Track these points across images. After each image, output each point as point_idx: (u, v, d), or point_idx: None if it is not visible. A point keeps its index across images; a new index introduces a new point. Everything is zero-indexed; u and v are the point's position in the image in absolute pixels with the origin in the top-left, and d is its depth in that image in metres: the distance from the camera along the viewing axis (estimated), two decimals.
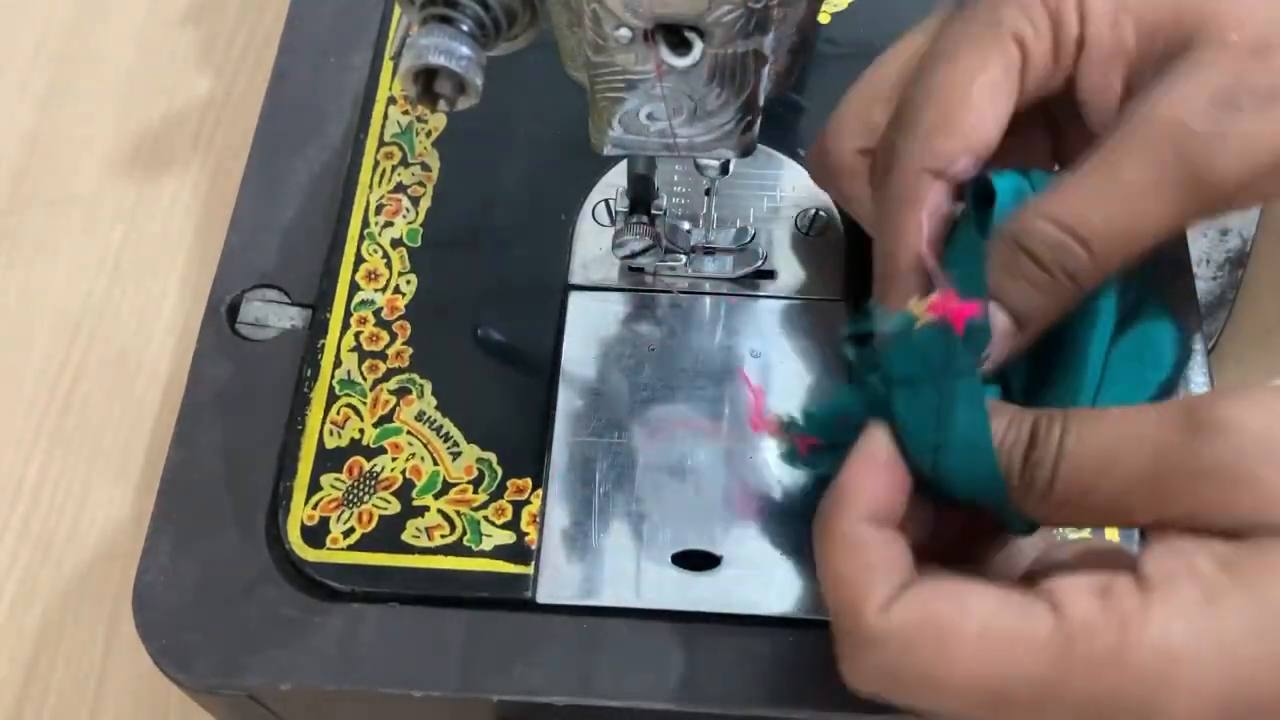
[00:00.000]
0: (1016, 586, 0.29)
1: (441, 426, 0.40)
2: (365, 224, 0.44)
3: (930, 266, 0.32)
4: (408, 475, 0.39)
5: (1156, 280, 0.34)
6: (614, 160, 0.44)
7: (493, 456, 0.39)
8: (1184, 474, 0.28)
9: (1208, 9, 0.32)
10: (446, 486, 0.39)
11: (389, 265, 0.43)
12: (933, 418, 0.31)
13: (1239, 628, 0.26)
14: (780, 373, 0.41)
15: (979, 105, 0.33)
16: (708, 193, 0.41)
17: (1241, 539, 0.27)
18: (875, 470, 0.31)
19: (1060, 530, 0.36)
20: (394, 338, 0.42)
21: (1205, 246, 0.50)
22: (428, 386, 0.41)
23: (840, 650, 0.30)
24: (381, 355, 0.41)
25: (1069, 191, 0.32)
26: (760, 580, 0.37)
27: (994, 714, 0.28)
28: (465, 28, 0.30)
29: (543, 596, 0.37)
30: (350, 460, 0.39)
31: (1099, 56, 0.34)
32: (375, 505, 0.39)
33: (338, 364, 0.41)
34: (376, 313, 0.42)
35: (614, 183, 0.44)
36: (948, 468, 0.31)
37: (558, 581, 0.37)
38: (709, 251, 0.43)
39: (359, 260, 0.43)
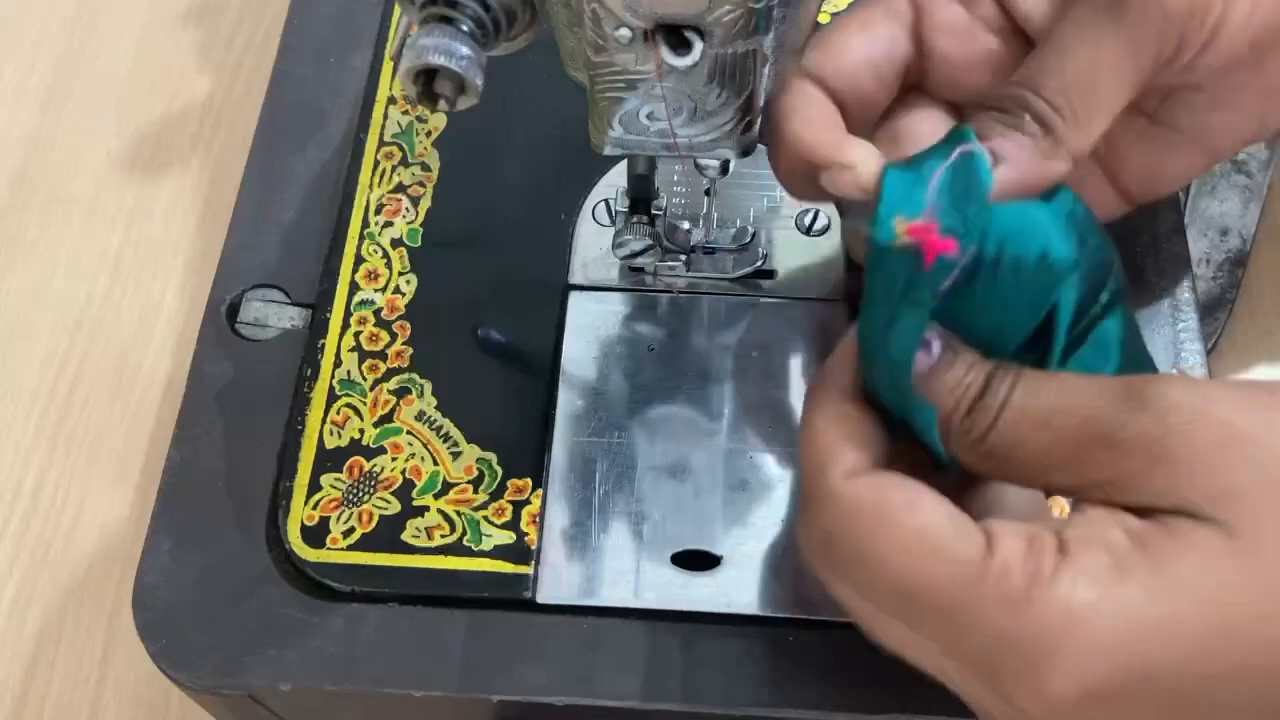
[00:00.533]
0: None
1: (441, 426, 0.40)
2: (365, 224, 0.44)
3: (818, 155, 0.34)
4: (408, 475, 0.39)
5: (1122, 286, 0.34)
6: (614, 160, 0.44)
7: (493, 456, 0.39)
8: (1106, 442, 0.28)
9: None
10: (446, 486, 0.39)
11: (389, 265, 0.43)
12: (880, 336, 0.31)
13: (1139, 597, 0.27)
14: (780, 373, 0.41)
15: (848, 27, 0.36)
16: (708, 193, 0.41)
17: (1154, 518, 0.28)
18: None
19: None
20: (394, 338, 0.42)
21: (1205, 246, 0.50)
22: (428, 386, 0.41)
23: (800, 512, 0.31)
24: (381, 355, 0.41)
25: (1029, 63, 0.34)
26: (760, 580, 0.37)
27: (899, 612, 0.29)
28: (465, 28, 0.30)
29: (543, 596, 0.37)
30: (350, 460, 0.39)
31: None
32: (375, 505, 0.39)
33: (338, 364, 0.41)
34: (376, 313, 0.42)
35: (614, 183, 0.44)
36: (878, 386, 0.31)
37: (558, 581, 0.37)
38: (709, 251, 0.43)
39: (359, 260, 0.43)
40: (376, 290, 0.43)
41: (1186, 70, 0.35)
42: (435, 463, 0.39)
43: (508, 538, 0.38)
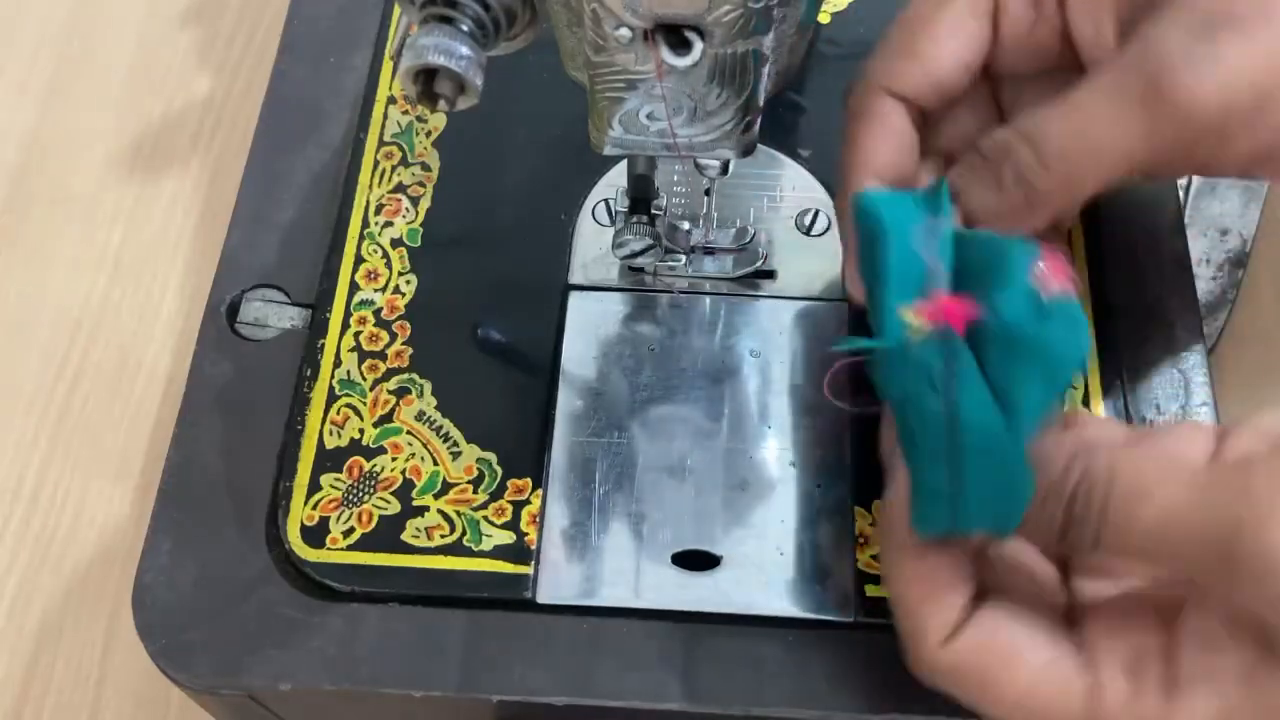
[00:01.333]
0: (1061, 629, 0.30)
1: (441, 426, 0.40)
2: (365, 224, 0.44)
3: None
4: (407, 475, 0.39)
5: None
6: (614, 160, 0.44)
7: (493, 456, 0.39)
8: (1224, 556, 0.27)
9: None
10: (446, 486, 0.39)
11: (389, 265, 0.43)
12: (944, 430, 0.30)
13: None
14: (780, 373, 0.41)
15: (939, 34, 0.34)
16: (708, 193, 0.41)
17: (1273, 639, 0.28)
18: None
19: None
20: (394, 338, 0.42)
21: (1205, 246, 0.50)
22: (428, 386, 0.41)
23: (906, 656, 0.32)
24: (381, 355, 0.41)
25: (1037, 111, 0.33)
26: (760, 580, 0.37)
27: None
28: (465, 28, 0.30)
29: (543, 596, 0.37)
30: (350, 460, 0.39)
31: (1083, 3, 0.34)
32: (375, 505, 0.39)
33: (338, 364, 0.41)
34: (376, 313, 0.42)
35: (614, 183, 0.44)
36: (968, 478, 0.30)
37: (557, 581, 0.37)
38: (709, 251, 0.43)
39: (359, 260, 0.43)
40: (376, 290, 0.43)
41: (1207, 166, 0.34)
42: (435, 463, 0.39)
43: (508, 538, 0.38)
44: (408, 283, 0.43)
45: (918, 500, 0.32)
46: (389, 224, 0.44)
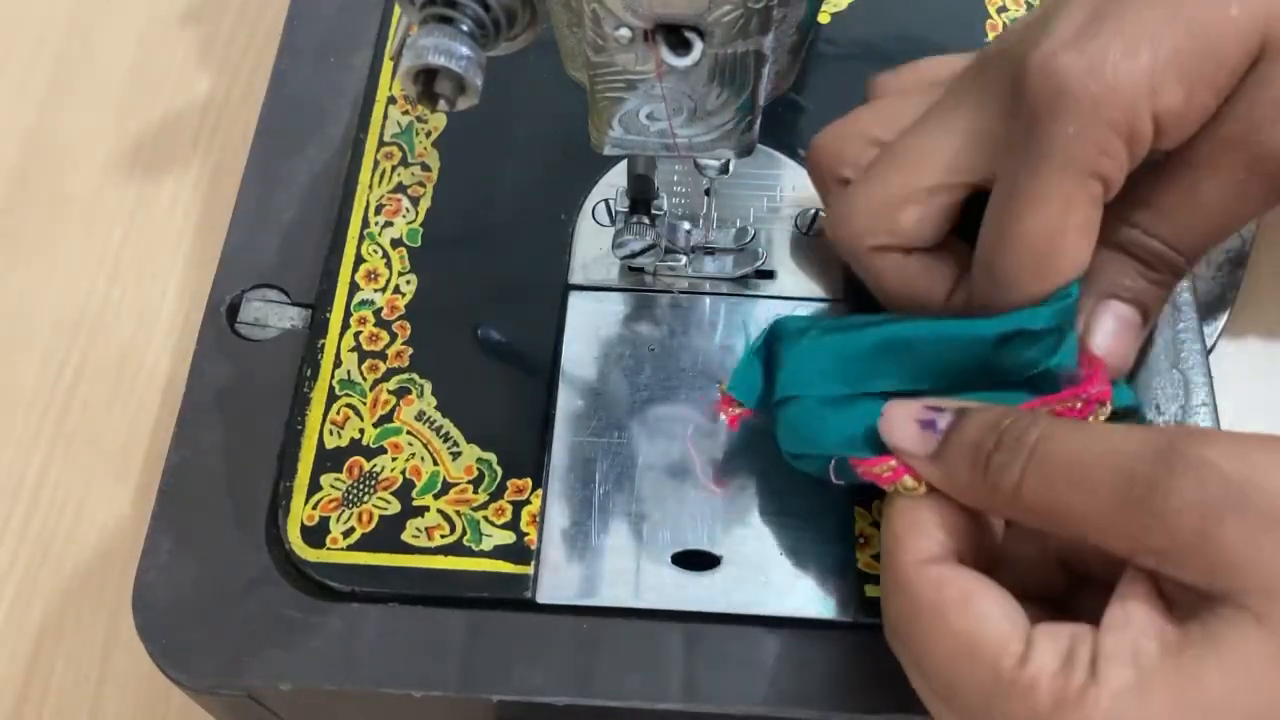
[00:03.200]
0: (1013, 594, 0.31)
1: (441, 426, 0.40)
2: (365, 224, 0.44)
3: None
4: (408, 475, 0.39)
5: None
6: (614, 160, 0.44)
7: (493, 456, 0.39)
8: (1147, 510, 0.28)
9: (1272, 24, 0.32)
10: (446, 486, 0.39)
11: (389, 265, 0.43)
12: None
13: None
14: None
15: (1071, 251, 0.34)
16: (708, 193, 0.41)
17: (1197, 616, 0.28)
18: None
19: None
20: (394, 338, 0.42)
21: None
22: (428, 386, 0.41)
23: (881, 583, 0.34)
24: (381, 355, 0.41)
25: (1159, 213, 0.35)
26: (760, 580, 0.37)
27: (941, 700, 0.31)
28: (465, 28, 0.30)
29: (543, 596, 0.37)
30: (350, 460, 0.39)
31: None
32: (375, 505, 0.39)
33: (338, 364, 0.41)
34: (376, 313, 0.42)
35: (614, 183, 0.44)
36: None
37: (558, 581, 0.37)
38: (709, 251, 0.43)
39: (359, 260, 0.43)
40: (376, 290, 0.43)
41: None
42: (435, 463, 0.39)
43: (508, 538, 0.38)
44: (408, 283, 0.43)
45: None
46: (389, 224, 0.44)
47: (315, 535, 0.38)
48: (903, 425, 0.33)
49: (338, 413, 0.40)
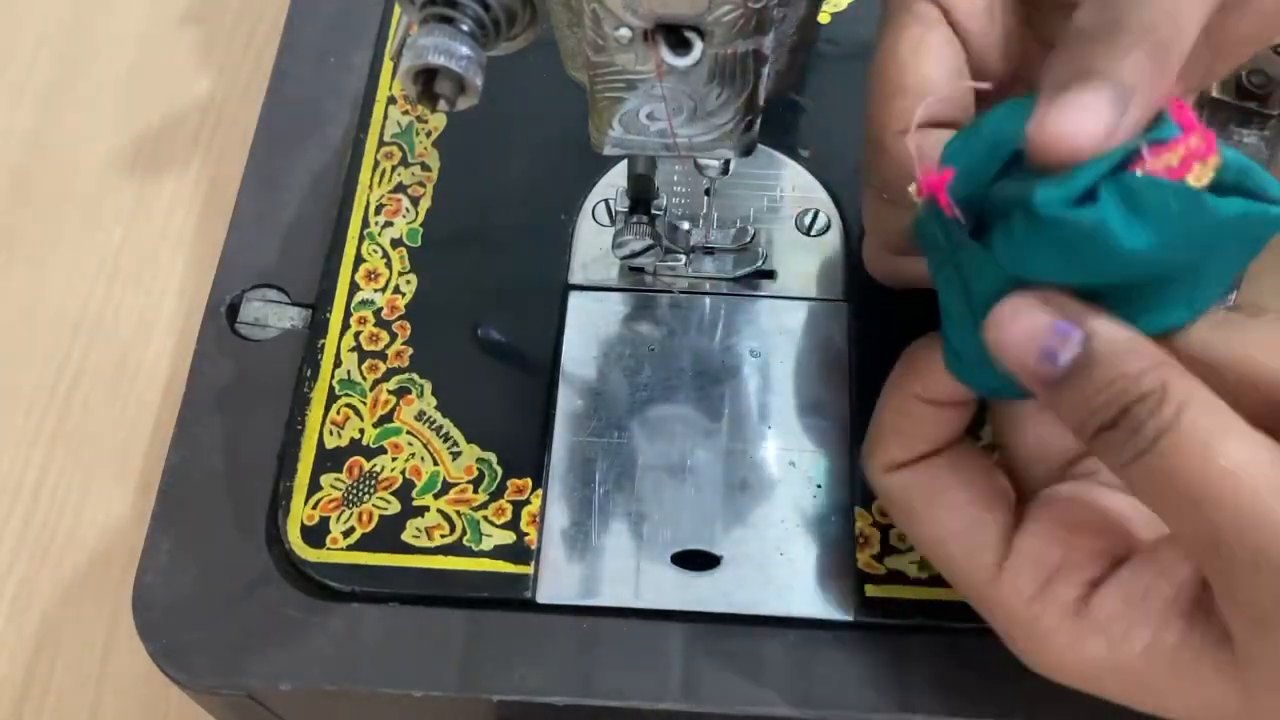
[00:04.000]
0: (1004, 508, 0.33)
1: (441, 426, 0.40)
2: (365, 224, 0.44)
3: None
4: (408, 475, 0.39)
5: None
6: (614, 160, 0.44)
7: (493, 456, 0.39)
8: (1252, 555, 0.26)
9: None
10: (446, 486, 0.39)
11: (389, 265, 0.43)
12: (961, 295, 0.30)
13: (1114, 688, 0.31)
14: (780, 373, 0.41)
15: (910, 61, 0.33)
16: (708, 193, 0.41)
17: (1209, 623, 0.29)
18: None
19: None
20: (394, 338, 0.42)
21: None
22: (428, 386, 0.41)
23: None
24: (381, 355, 0.41)
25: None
26: (760, 580, 0.37)
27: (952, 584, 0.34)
28: (465, 28, 0.30)
29: (543, 596, 0.37)
30: (350, 460, 0.39)
31: None
32: (375, 505, 0.39)
33: (338, 364, 0.41)
34: (376, 313, 0.42)
35: (614, 183, 0.44)
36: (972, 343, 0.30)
37: (558, 581, 0.37)
38: (709, 251, 0.43)
39: (359, 260, 0.43)
40: (376, 290, 0.43)
41: None
42: (435, 463, 0.39)
43: (508, 538, 0.38)
44: (408, 283, 0.43)
45: (945, 352, 0.33)
46: (389, 224, 0.44)
47: (315, 535, 0.38)
48: (1022, 344, 0.29)
49: (338, 413, 0.40)
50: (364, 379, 0.41)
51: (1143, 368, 0.28)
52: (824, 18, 0.48)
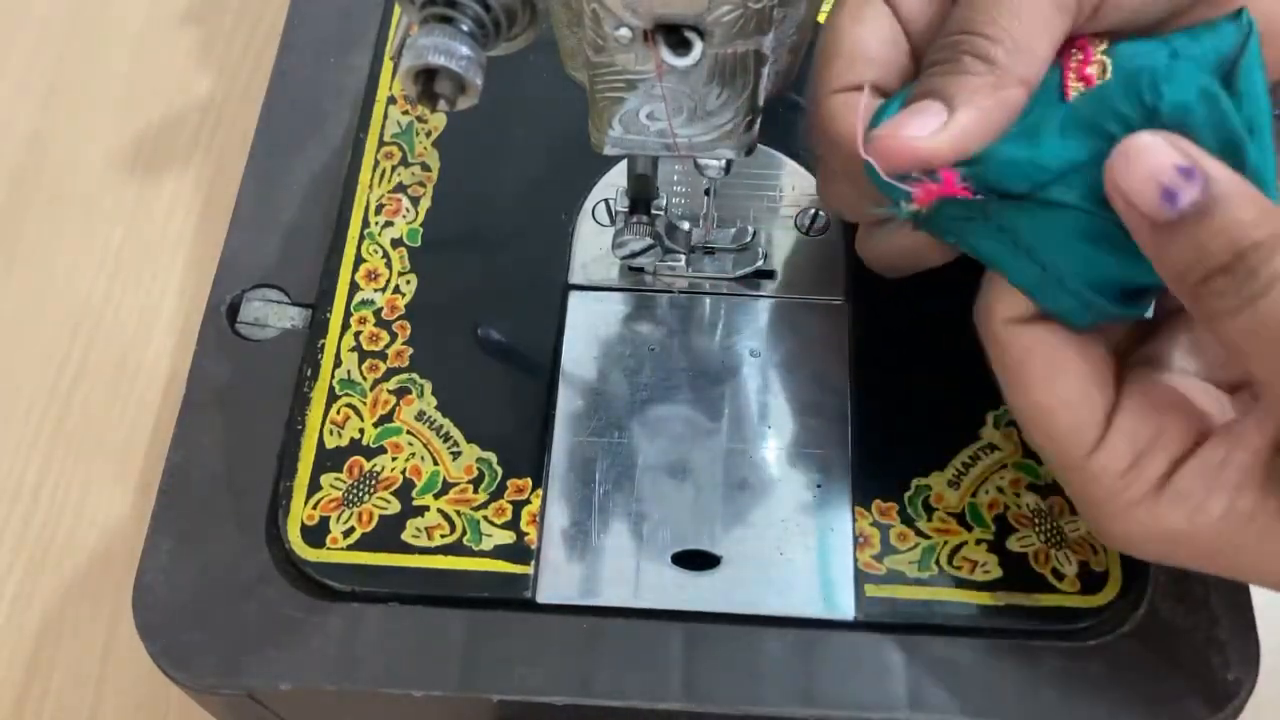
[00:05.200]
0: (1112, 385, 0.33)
1: (441, 426, 0.40)
2: (365, 224, 0.44)
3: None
4: (408, 475, 0.39)
5: None
6: (614, 160, 0.44)
7: (493, 456, 0.39)
8: None
9: None
10: (446, 486, 0.39)
11: (389, 265, 0.43)
12: (1010, 246, 0.33)
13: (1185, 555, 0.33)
14: (780, 373, 0.41)
15: (847, 29, 0.36)
16: (708, 192, 0.41)
17: None
18: None
19: None
20: (394, 338, 0.42)
21: None
22: (428, 386, 0.41)
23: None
24: (381, 355, 0.41)
25: (956, 10, 0.34)
26: (760, 580, 0.37)
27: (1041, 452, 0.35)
28: (465, 28, 0.30)
29: (543, 596, 0.37)
30: (350, 460, 0.39)
31: None
32: (375, 505, 0.39)
33: (338, 364, 0.41)
34: (376, 313, 0.42)
35: (614, 183, 0.44)
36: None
37: (558, 581, 0.37)
38: (709, 251, 0.43)
39: (359, 260, 0.43)
40: (376, 290, 0.43)
41: None
42: (435, 462, 0.39)
43: (508, 537, 0.38)
44: (408, 283, 0.43)
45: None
46: (389, 224, 0.44)
47: (315, 535, 0.38)
48: (1142, 182, 0.29)
49: (338, 412, 0.40)
50: (364, 379, 0.41)
51: (1257, 216, 0.28)
52: (824, 18, 0.48)
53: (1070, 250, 0.32)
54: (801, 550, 0.38)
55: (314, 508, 0.39)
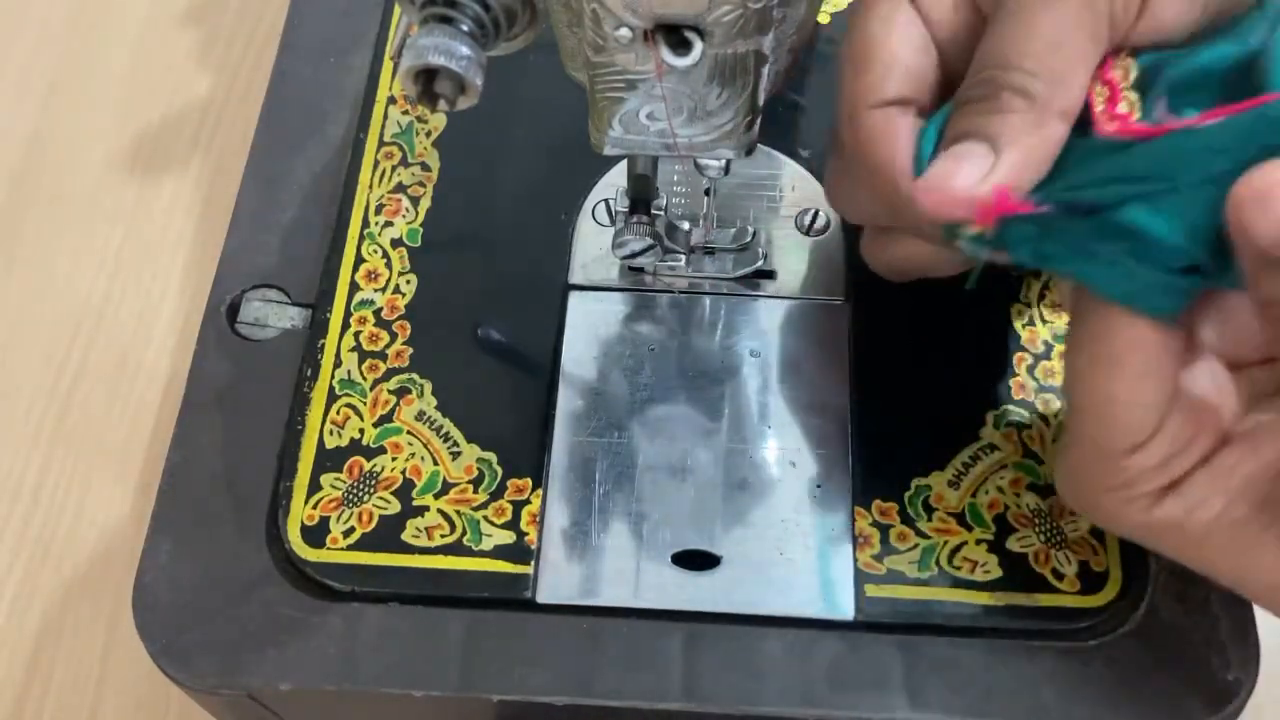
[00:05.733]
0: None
1: (441, 426, 0.40)
2: (365, 224, 0.44)
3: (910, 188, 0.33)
4: (408, 475, 0.39)
5: None
6: (614, 160, 0.44)
7: (493, 456, 0.39)
8: None
9: None
10: (446, 486, 0.39)
11: (389, 265, 0.43)
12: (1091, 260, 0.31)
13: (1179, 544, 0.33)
14: (780, 373, 0.41)
15: (881, 37, 0.35)
16: (708, 193, 0.41)
17: None
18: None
19: None
20: (394, 338, 0.42)
21: None
22: (428, 386, 0.41)
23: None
24: (381, 355, 0.41)
25: (986, 42, 0.33)
26: (760, 580, 0.37)
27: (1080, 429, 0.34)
28: (465, 28, 0.30)
29: (543, 596, 0.37)
30: (350, 460, 0.39)
31: None
32: (375, 505, 0.39)
33: (338, 364, 0.41)
34: (376, 313, 0.42)
35: (614, 183, 0.44)
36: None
37: (558, 581, 0.37)
38: (709, 251, 0.43)
39: (359, 260, 0.43)
40: (376, 290, 0.43)
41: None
42: (435, 463, 0.39)
43: (508, 538, 0.38)
44: (408, 283, 0.43)
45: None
46: (389, 224, 0.44)
47: (315, 535, 0.38)
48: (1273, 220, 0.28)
49: (338, 412, 0.40)
50: (364, 379, 0.41)
51: None
52: (824, 18, 0.48)
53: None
54: (801, 550, 0.38)
55: (314, 508, 0.39)
